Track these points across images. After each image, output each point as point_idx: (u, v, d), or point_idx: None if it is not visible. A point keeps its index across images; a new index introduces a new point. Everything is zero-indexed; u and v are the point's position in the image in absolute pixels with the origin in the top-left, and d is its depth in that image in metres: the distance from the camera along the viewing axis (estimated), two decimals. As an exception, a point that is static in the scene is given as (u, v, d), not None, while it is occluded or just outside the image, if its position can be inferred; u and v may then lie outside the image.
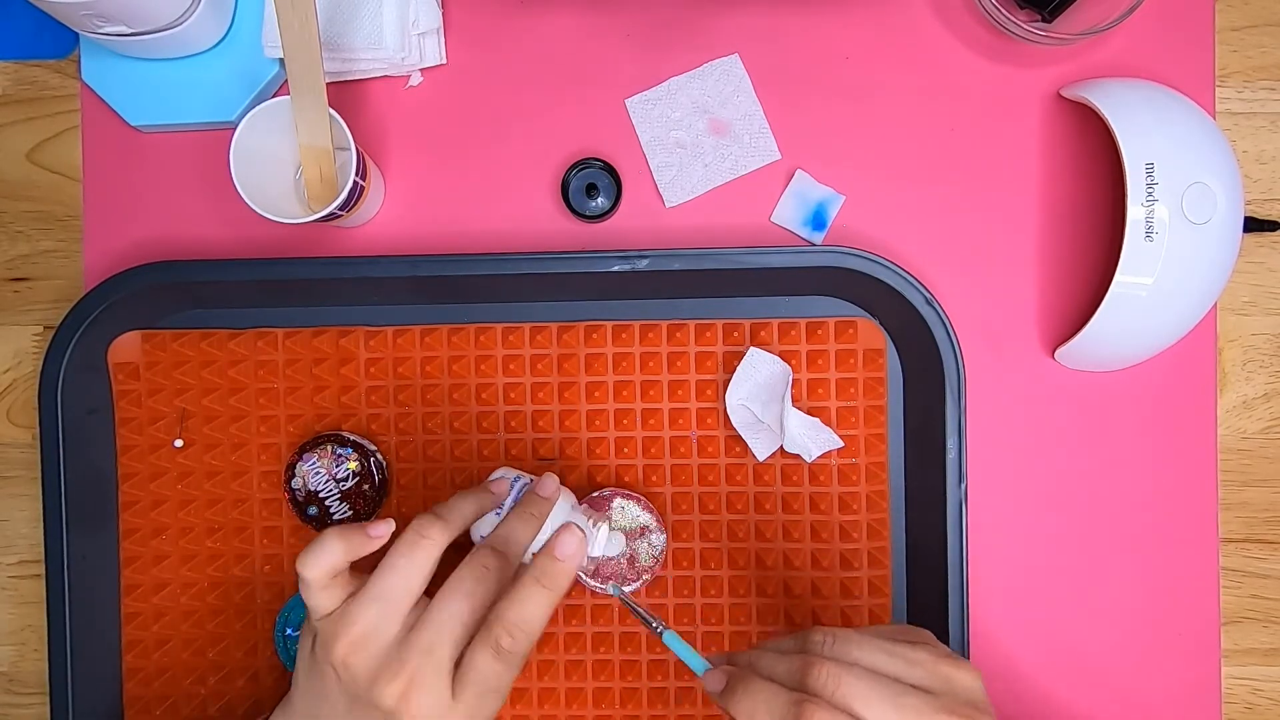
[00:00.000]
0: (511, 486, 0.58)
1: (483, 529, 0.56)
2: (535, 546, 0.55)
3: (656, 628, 0.53)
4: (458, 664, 0.49)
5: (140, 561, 0.68)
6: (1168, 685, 0.67)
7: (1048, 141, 0.68)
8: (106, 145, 0.69)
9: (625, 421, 0.67)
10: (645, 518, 0.64)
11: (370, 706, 0.48)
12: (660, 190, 0.68)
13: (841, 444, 0.66)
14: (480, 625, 0.49)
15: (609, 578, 0.64)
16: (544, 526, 0.55)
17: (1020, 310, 0.68)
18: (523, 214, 0.69)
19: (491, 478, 0.58)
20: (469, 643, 0.49)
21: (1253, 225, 0.66)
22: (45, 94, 0.70)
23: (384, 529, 0.52)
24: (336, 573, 0.50)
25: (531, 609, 0.50)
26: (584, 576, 0.65)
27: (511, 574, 0.52)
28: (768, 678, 0.46)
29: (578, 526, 0.55)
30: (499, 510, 0.57)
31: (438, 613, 0.48)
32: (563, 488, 0.57)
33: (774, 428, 0.65)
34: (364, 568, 0.51)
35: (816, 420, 0.66)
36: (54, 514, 0.65)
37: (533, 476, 0.58)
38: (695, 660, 0.50)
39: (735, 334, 0.67)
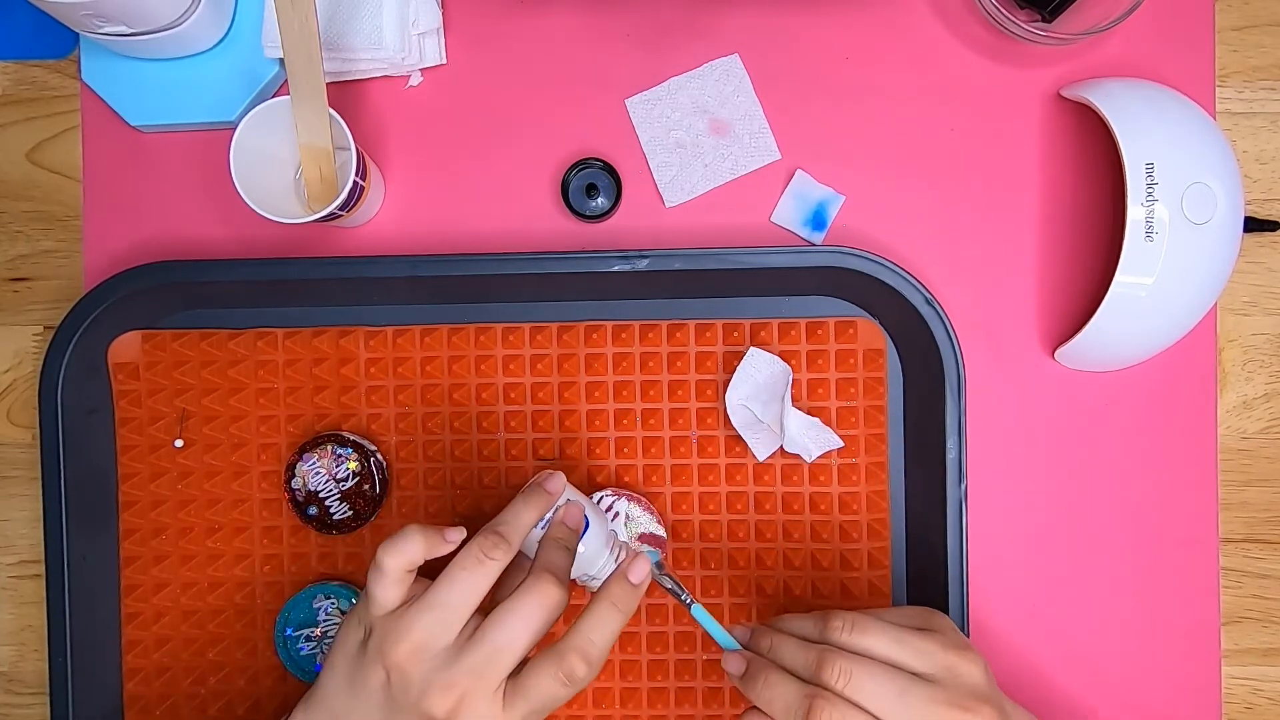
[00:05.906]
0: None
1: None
2: (603, 573, 0.56)
3: (686, 600, 0.54)
4: (515, 672, 0.49)
5: (140, 561, 0.68)
6: (1168, 685, 0.67)
7: (1048, 141, 0.68)
8: (106, 145, 0.69)
9: (625, 421, 0.67)
10: (645, 518, 0.64)
11: (411, 715, 0.49)
12: (660, 190, 0.68)
13: (841, 444, 0.66)
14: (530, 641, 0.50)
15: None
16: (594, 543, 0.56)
17: (1020, 310, 0.68)
18: (523, 214, 0.69)
19: (547, 480, 0.56)
20: (526, 660, 0.50)
21: (1253, 225, 0.66)
22: (45, 94, 0.70)
23: (457, 535, 0.52)
24: (413, 567, 0.51)
25: (606, 634, 0.50)
26: (582, 578, 0.65)
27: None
28: (786, 668, 0.48)
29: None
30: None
31: (495, 635, 0.49)
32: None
33: (774, 428, 0.65)
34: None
35: (816, 420, 0.66)
36: (54, 514, 0.65)
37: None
38: (722, 636, 0.52)
39: (735, 334, 0.67)
